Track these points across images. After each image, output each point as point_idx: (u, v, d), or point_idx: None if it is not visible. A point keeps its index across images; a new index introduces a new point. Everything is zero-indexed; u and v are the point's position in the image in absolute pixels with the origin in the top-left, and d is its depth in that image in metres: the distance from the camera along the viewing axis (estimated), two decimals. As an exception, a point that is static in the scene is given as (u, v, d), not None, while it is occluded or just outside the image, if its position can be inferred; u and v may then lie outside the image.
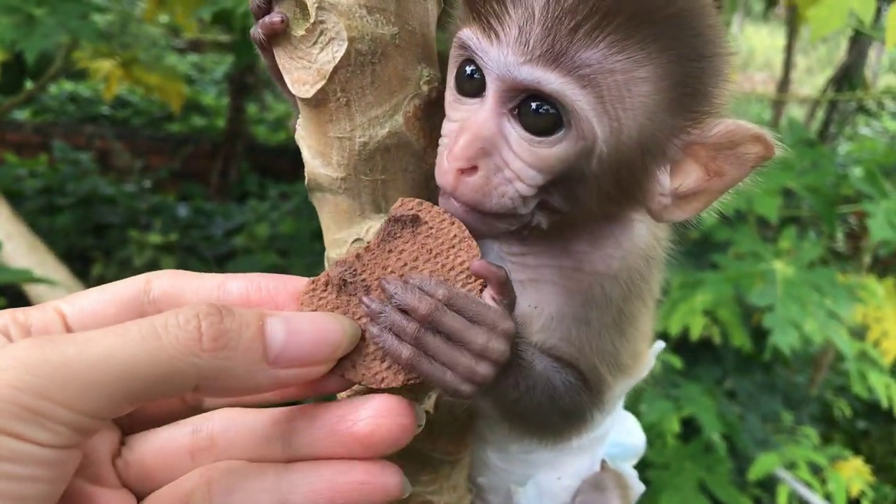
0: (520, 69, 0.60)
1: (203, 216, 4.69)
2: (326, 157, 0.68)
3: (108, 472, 0.58)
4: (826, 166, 2.71)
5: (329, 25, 0.61)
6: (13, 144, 5.28)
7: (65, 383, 0.46)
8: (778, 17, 4.74)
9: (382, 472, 0.56)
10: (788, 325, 2.22)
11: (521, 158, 0.63)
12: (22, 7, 2.48)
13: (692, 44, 0.63)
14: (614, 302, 0.74)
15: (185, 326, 0.49)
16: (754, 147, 0.64)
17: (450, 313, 0.57)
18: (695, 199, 0.67)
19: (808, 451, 2.63)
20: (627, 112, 0.62)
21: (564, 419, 0.74)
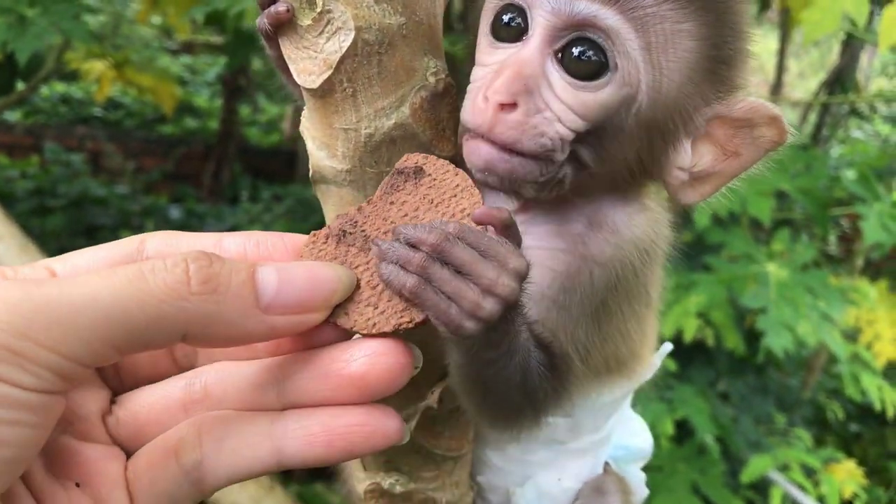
0: (577, 2, 0.60)
1: (195, 218, 4.67)
2: (332, 149, 0.67)
3: (98, 428, 0.57)
4: (819, 169, 2.72)
5: (336, 15, 0.61)
6: (5, 146, 5.27)
7: (48, 324, 0.44)
8: (770, 21, 4.75)
9: (381, 414, 0.55)
10: (781, 328, 2.23)
11: (564, 101, 0.63)
12: (14, 7, 2.46)
13: (733, 15, 0.67)
14: (598, 292, 0.73)
15: (173, 269, 0.48)
16: (769, 130, 0.67)
17: (461, 244, 0.54)
18: (707, 181, 0.70)
19: (801, 454, 2.63)
20: (670, 65, 0.64)
21: (525, 401, 0.70)
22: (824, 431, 3.73)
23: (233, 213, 4.70)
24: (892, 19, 2.00)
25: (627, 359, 0.83)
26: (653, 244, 0.77)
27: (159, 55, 6.62)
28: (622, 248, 0.74)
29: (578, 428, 0.87)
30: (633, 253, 0.74)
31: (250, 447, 0.55)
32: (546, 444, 0.87)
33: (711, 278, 2.48)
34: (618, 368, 0.83)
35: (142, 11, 3.30)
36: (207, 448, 0.55)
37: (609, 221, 0.74)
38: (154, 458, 0.56)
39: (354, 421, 0.54)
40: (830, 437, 3.71)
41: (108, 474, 0.55)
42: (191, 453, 0.55)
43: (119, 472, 0.56)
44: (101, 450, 0.56)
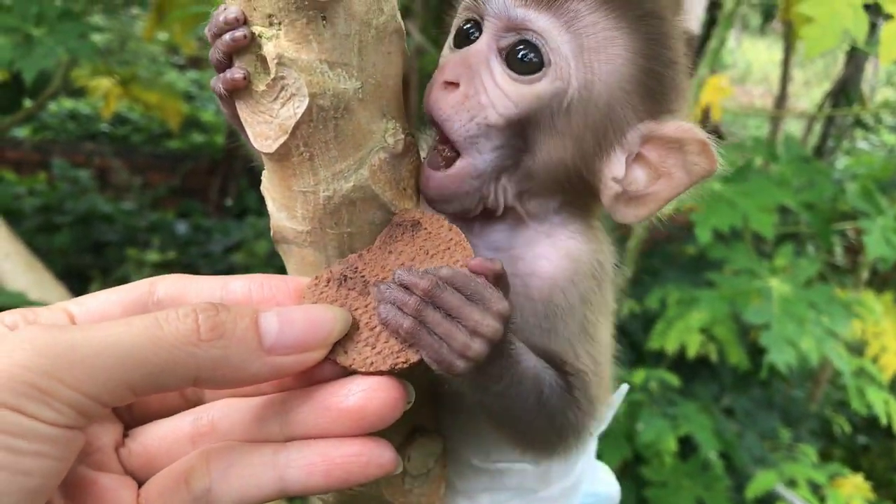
0: (515, 10, 0.69)
1: (202, 233, 4.69)
2: (291, 211, 0.68)
3: (112, 459, 0.62)
4: (822, 183, 2.72)
5: (290, 81, 0.61)
6: (12, 162, 5.29)
7: (71, 365, 0.49)
8: (775, 31, 4.76)
9: (376, 445, 0.59)
10: (785, 343, 2.22)
11: (500, 88, 0.69)
12: (21, 27, 2.49)
13: (664, 38, 0.72)
14: (575, 308, 0.76)
15: (185, 320, 0.53)
16: (700, 158, 0.70)
17: (449, 289, 0.60)
18: (642, 203, 0.73)
19: (806, 469, 2.62)
20: (602, 68, 0.69)
21: (552, 425, 0.74)
22: (831, 444, 3.71)
23: (239, 227, 4.71)
24: (891, 36, 2.00)
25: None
26: (603, 261, 0.80)
27: (166, 70, 6.66)
28: (580, 266, 0.77)
29: (548, 475, 0.87)
30: (589, 267, 0.77)
31: (255, 475, 0.59)
32: (518, 493, 0.87)
33: (714, 294, 2.48)
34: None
35: (147, 29, 3.32)
36: (216, 476, 0.59)
37: (562, 242, 0.77)
38: (165, 485, 0.60)
39: (351, 452, 0.58)
40: (838, 451, 3.69)
41: (120, 501, 0.59)
42: (200, 481, 0.59)
43: (132, 499, 0.60)
44: (115, 479, 0.61)
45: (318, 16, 0.60)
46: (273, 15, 0.60)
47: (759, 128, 7.54)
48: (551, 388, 0.72)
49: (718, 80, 3.36)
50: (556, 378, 0.73)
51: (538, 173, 0.73)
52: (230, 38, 0.61)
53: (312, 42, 0.60)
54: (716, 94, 3.22)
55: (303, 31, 0.60)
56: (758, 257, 2.64)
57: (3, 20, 2.51)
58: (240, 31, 0.61)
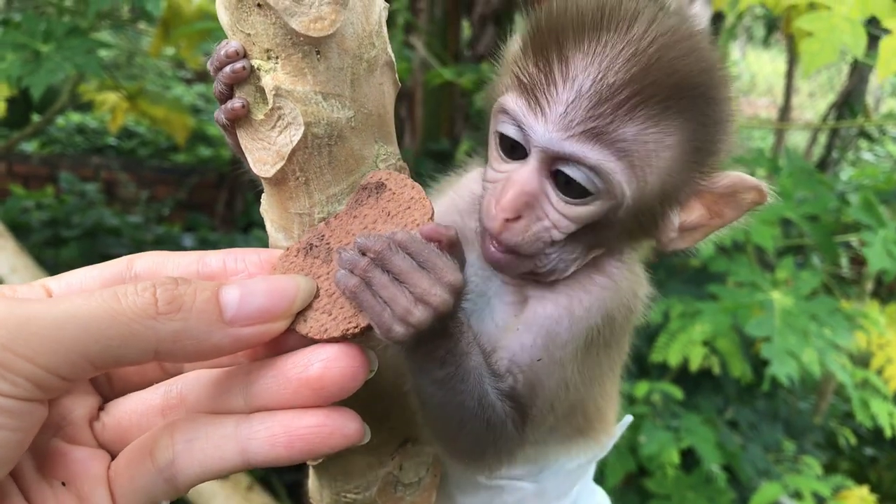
0: (562, 144, 0.67)
1: (208, 246, 4.66)
2: (288, 231, 0.71)
3: (85, 432, 0.63)
4: (824, 195, 2.72)
5: (286, 111, 0.64)
6: (21, 176, 5.32)
7: (28, 337, 0.49)
8: (780, 43, 4.77)
9: (340, 416, 0.59)
10: (786, 356, 2.23)
11: (559, 211, 0.71)
12: (29, 44, 2.52)
13: (712, 112, 0.72)
14: (580, 343, 0.78)
15: (143, 293, 0.54)
16: (751, 194, 0.74)
17: (401, 254, 0.59)
18: (694, 233, 0.78)
19: (810, 481, 2.61)
20: (653, 173, 0.70)
21: (485, 433, 0.74)
22: (838, 456, 3.70)
23: (245, 241, 4.72)
24: (889, 50, 2.02)
25: (595, 419, 0.86)
26: (632, 299, 0.82)
27: (173, 84, 6.69)
28: (606, 303, 0.79)
29: (544, 494, 0.90)
30: (614, 308, 0.80)
31: (218, 447, 0.59)
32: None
33: (716, 307, 2.48)
34: (587, 429, 0.85)
35: (154, 45, 3.35)
36: (179, 448, 0.60)
37: (598, 279, 0.80)
38: (133, 457, 0.61)
39: (314, 422, 0.58)
40: (844, 463, 3.68)
41: (91, 474, 0.60)
42: (164, 453, 0.59)
43: (102, 472, 0.61)
44: (87, 452, 0.62)
45: (312, 50, 0.63)
46: (271, 49, 0.63)
47: (764, 139, 7.55)
48: (497, 396, 0.73)
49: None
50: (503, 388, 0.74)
51: (601, 245, 0.77)
52: (231, 70, 0.64)
53: (307, 75, 0.63)
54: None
55: (298, 65, 0.63)
56: (761, 270, 2.65)
57: (12, 37, 2.54)
58: (239, 63, 0.64)
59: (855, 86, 4.74)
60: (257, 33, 0.63)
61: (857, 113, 4.57)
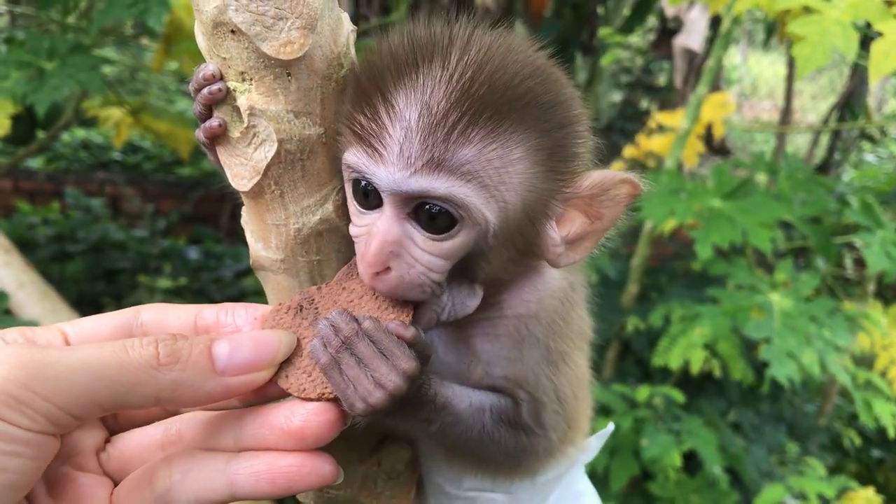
0: (408, 182, 0.66)
1: (213, 259, 4.73)
2: (266, 241, 0.75)
3: (92, 461, 0.71)
4: (822, 197, 2.73)
5: (260, 129, 0.69)
6: (27, 192, 5.35)
7: (46, 380, 0.57)
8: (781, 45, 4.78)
9: (317, 458, 0.67)
10: (786, 357, 2.23)
11: (428, 252, 0.70)
12: (33, 61, 2.55)
13: (553, 117, 0.70)
14: (541, 340, 0.81)
15: (147, 347, 0.62)
16: (623, 188, 0.73)
17: (366, 341, 0.67)
18: (584, 242, 0.76)
19: (814, 482, 2.62)
20: (510, 190, 0.69)
21: (504, 451, 0.80)
22: (845, 458, 3.70)
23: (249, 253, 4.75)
24: (881, 53, 2.03)
25: (572, 423, 0.87)
26: (568, 291, 0.84)
27: (176, 98, 6.73)
28: (543, 301, 0.81)
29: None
30: (555, 303, 0.82)
31: (209, 479, 0.67)
32: None
33: (715, 310, 2.49)
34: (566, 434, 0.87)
35: (157, 60, 3.38)
36: (176, 478, 0.67)
37: (525, 284, 0.81)
38: (134, 485, 0.69)
39: (295, 462, 0.66)
40: (851, 465, 3.68)
41: (96, 498, 0.68)
42: (162, 482, 0.67)
43: (106, 496, 0.69)
44: (93, 478, 0.69)
45: (283, 72, 0.67)
46: (245, 72, 0.67)
47: (767, 142, 7.55)
48: (495, 420, 0.78)
49: (720, 97, 3.39)
50: (508, 407, 0.79)
51: (486, 275, 0.76)
52: (208, 91, 0.69)
53: (280, 95, 0.68)
54: (717, 111, 3.25)
55: (271, 86, 0.67)
56: (762, 272, 2.66)
57: (17, 55, 2.58)
58: (216, 85, 0.68)
59: (856, 88, 4.75)
60: (232, 57, 0.67)
61: (858, 115, 4.58)
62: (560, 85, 0.73)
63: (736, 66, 9.61)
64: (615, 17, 5.09)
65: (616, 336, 2.98)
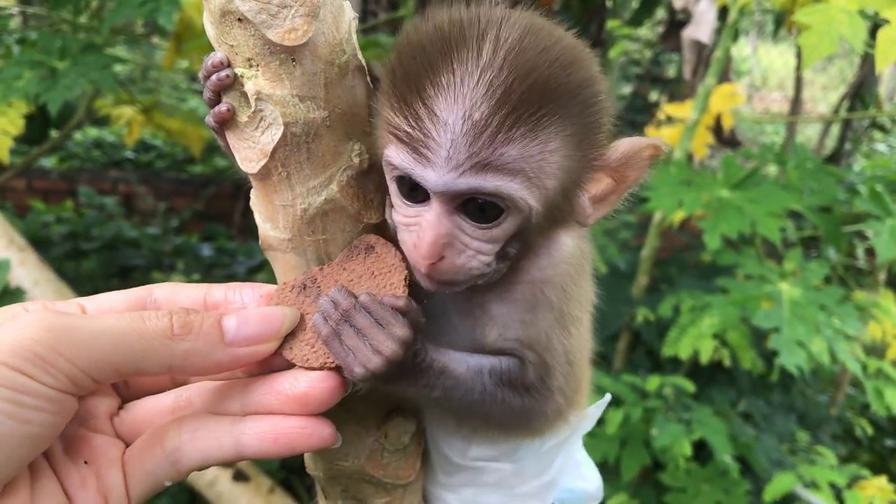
0: (456, 182, 0.70)
1: (226, 255, 4.76)
2: (274, 222, 0.78)
3: (105, 424, 0.76)
4: (831, 187, 2.73)
5: (267, 113, 0.72)
6: (41, 191, 5.40)
7: (70, 343, 0.62)
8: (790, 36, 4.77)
9: (318, 422, 0.72)
10: (795, 346, 2.24)
11: (478, 240, 0.74)
12: (45, 61, 2.58)
13: (582, 98, 0.73)
14: (554, 304, 0.84)
15: (162, 318, 0.67)
16: (647, 151, 0.78)
17: (363, 313, 0.72)
18: (605, 202, 0.81)
19: (825, 471, 2.62)
20: (549, 177, 0.73)
21: (510, 411, 0.84)
22: (858, 447, 3.70)
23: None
24: (887, 41, 2.03)
25: (574, 389, 0.89)
26: (580, 258, 0.87)
27: (188, 96, 6.77)
28: (557, 266, 0.84)
29: (523, 473, 0.95)
30: (569, 268, 0.85)
31: (217, 438, 0.72)
32: (496, 488, 0.96)
33: (725, 300, 2.50)
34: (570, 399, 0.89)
35: (168, 59, 3.39)
36: (185, 437, 0.73)
37: (542, 249, 0.84)
38: (145, 444, 0.74)
39: (297, 424, 0.72)
40: (864, 454, 3.68)
41: (109, 456, 0.73)
42: (172, 440, 0.73)
43: (117, 455, 0.74)
44: (106, 439, 0.75)
45: (288, 58, 0.70)
46: (252, 58, 0.70)
47: (777, 134, 7.53)
48: (494, 381, 0.81)
49: (728, 88, 3.38)
50: (509, 368, 0.82)
51: (526, 247, 0.80)
52: (216, 78, 0.72)
53: (285, 80, 0.70)
54: (726, 102, 3.25)
55: (276, 71, 0.70)
56: (771, 262, 2.66)
57: (29, 55, 2.60)
58: (224, 71, 0.72)
59: (866, 77, 4.73)
60: (239, 44, 0.70)
61: (869, 104, 4.57)
62: (586, 65, 0.75)
63: (746, 57, 9.58)
64: (623, 9, 5.09)
65: (626, 327, 2.99)
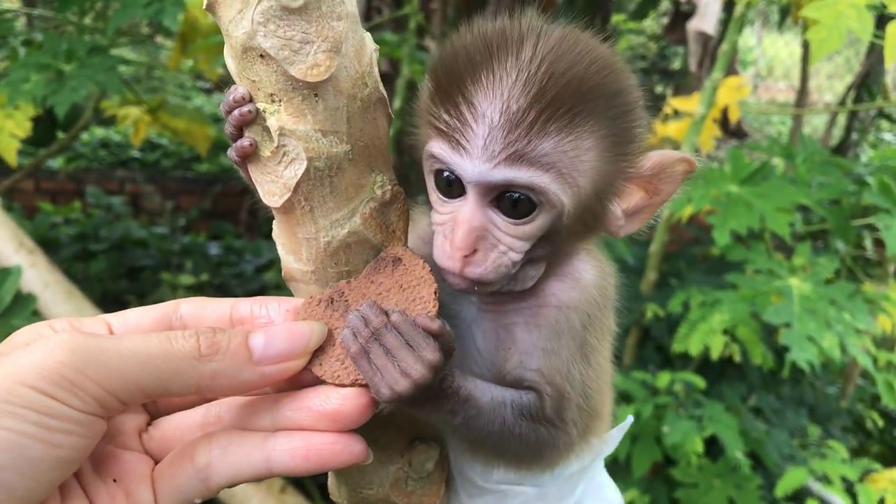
0: (491, 173, 0.72)
1: (234, 254, 4.77)
2: (297, 254, 0.78)
3: (134, 441, 0.76)
4: (840, 180, 2.72)
5: (290, 148, 0.72)
6: (48, 192, 5.41)
7: (97, 365, 0.61)
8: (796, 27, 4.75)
9: (349, 438, 0.71)
10: (806, 342, 2.24)
11: (510, 234, 0.76)
12: (52, 63, 2.58)
13: (618, 105, 0.76)
14: (578, 332, 0.84)
15: (189, 339, 0.66)
16: (680, 166, 0.79)
17: (393, 333, 0.71)
18: (640, 215, 0.83)
19: (836, 465, 2.62)
20: (582, 176, 0.75)
21: (525, 445, 0.83)
22: (868, 440, 3.69)
23: (270, 247, 4.77)
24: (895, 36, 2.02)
25: (591, 421, 0.90)
26: (606, 285, 0.88)
27: (193, 95, 6.76)
28: (585, 290, 0.85)
29: (546, 497, 0.95)
30: (594, 293, 0.86)
31: (248, 454, 0.71)
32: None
33: (734, 295, 2.49)
34: (584, 432, 0.89)
35: (173, 59, 3.39)
36: (215, 453, 0.72)
37: (569, 273, 0.86)
38: (175, 460, 0.73)
39: (328, 441, 0.71)
40: (875, 446, 3.67)
41: (138, 474, 0.72)
42: (203, 457, 0.72)
43: (147, 472, 0.73)
44: (136, 456, 0.74)
45: (311, 94, 0.70)
46: (274, 94, 0.70)
47: (783, 124, 7.50)
48: (516, 415, 0.81)
49: (735, 80, 3.37)
50: (530, 403, 0.82)
51: (556, 251, 0.82)
52: (238, 113, 0.72)
53: (307, 115, 0.71)
54: (733, 95, 3.24)
55: (299, 107, 0.70)
56: (781, 257, 2.65)
57: (35, 57, 2.60)
58: (246, 107, 0.72)
59: (873, 67, 4.71)
60: (261, 80, 0.70)
61: (876, 94, 4.55)
62: (622, 74, 0.78)
63: (751, 47, 9.54)
64: (628, 2, 5.07)
65: (635, 323, 2.99)
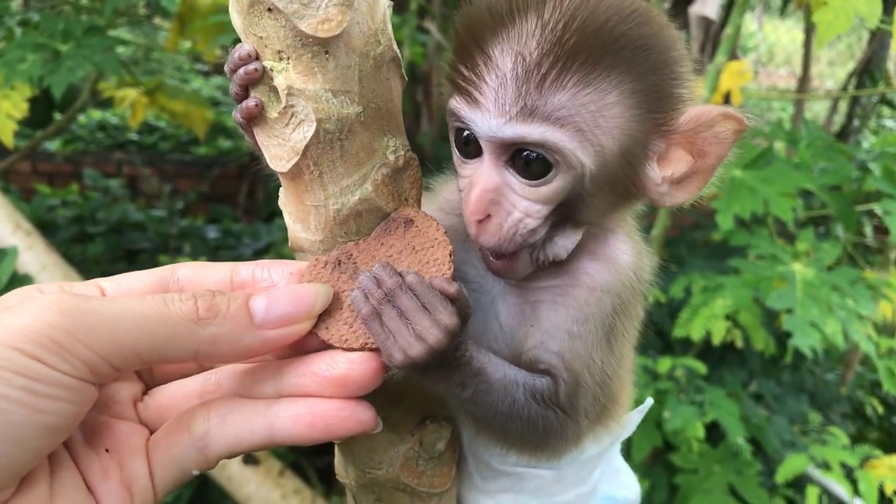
0: (503, 129, 0.69)
1: (232, 237, 4.74)
2: (305, 223, 0.74)
3: (129, 410, 0.72)
4: (843, 165, 2.71)
5: (298, 109, 0.68)
6: (46, 175, 5.37)
7: (88, 328, 0.57)
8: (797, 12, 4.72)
9: (357, 405, 0.68)
10: (809, 328, 2.23)
11: (525, 198, 0.72)
12: (48, 44, 2.55)
13: (648, 59, 0.71)
14: (607, 316, 0.80)
15: (186, 302, 0.62)
16: (727, 124, 0.73)
17: (409, 294, 0.67)
18: (690, 182, 0.77)
19: (837, 451, 2.62)
20: (606, 134, 0.70)
21: (532, 429, 0.79)
22: (867, 426, 3.69)
23: (268, 230, 4.76)
24: (904, 19, 2.01)
25: (610, 406, 0.87)
26: (643, 268, 0.84)
27: (191, 77, 6.72)
28: (620, 273, 0.81)
29: (563, 481, 0.92)
30: (629, 276, 0.82)
31: (249, 422, 0.67)
32: (536, 496, 0.93)
33: (737, 280, 2.48)
34: (603, 416, 0.87)
35: (171, 40, 3.36)
36: (214, 421, 0.68)
37: (604, 252, 0.82)
38: (171, 429, 0.69)
39: (335, 407, 0.67)
40: (874, 432, 3.67)
41: (132, 444, 0.68)
42: (200, 425, 0.68)
43: (141, 443, 0.69)
44: (129, 426, 0.70)
45: (321, 50, 0.66)
46: (282, 51, 0.66)
47: (784, 110, 7.48)
48: (528, 397, 0.77)
49: (738, 65, 3.35)
50: (544, 387, 0.78)
51: (585, 220, 0.77)
52: (244, 71, 0.68)
53: (317, 73, 0.67)
54: (735, 80, 3.22)
55: (308, 65, 0.66)
56: (783, 242, 2.64)
57: (32, 38, 2.57)
58: (252, 65, 0.67)
59: (875, 53, 4.69)
60: (268, 36, 0.66)
61: (878, 80, 4.53)
62: (656, 27, 0.73)
63: (752, 33, 9.51)
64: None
65: (637, 308, 2.96)
